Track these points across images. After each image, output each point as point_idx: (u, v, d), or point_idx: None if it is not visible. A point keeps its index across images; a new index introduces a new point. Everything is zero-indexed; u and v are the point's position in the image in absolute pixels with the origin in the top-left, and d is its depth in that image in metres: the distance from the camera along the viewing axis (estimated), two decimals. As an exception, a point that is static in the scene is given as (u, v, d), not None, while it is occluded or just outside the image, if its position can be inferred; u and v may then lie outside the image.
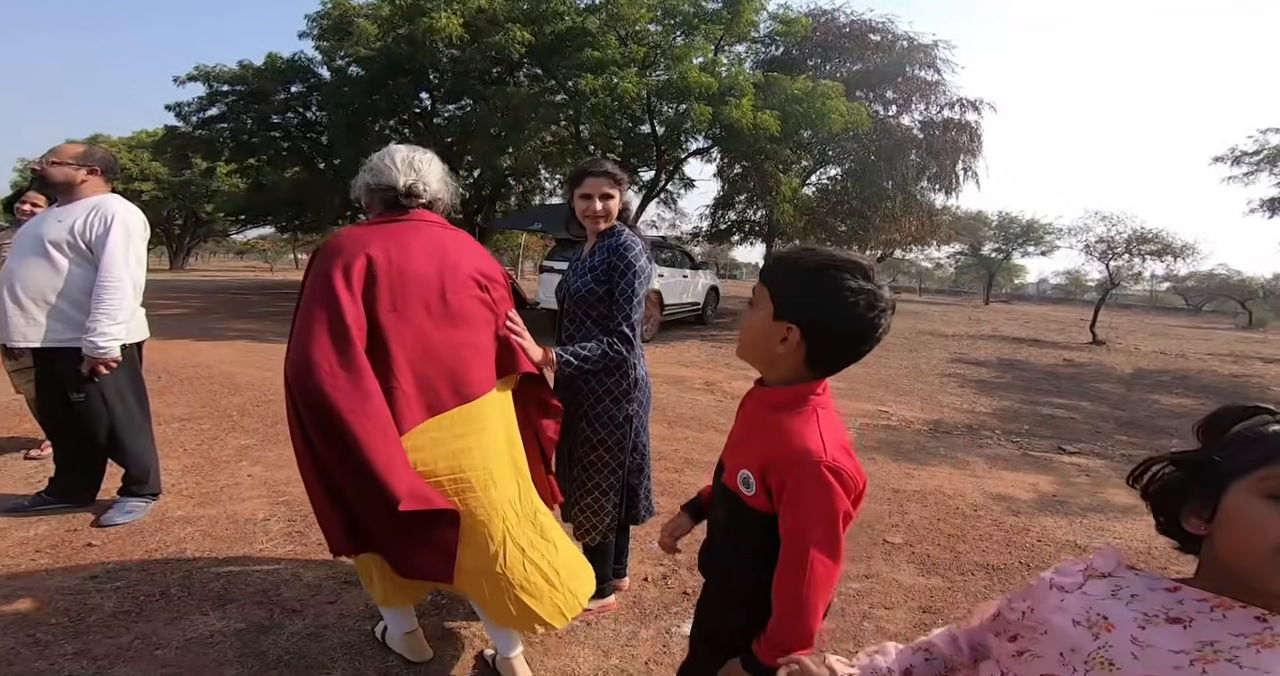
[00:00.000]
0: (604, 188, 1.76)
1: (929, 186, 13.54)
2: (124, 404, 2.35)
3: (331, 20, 12.50)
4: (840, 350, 0.87)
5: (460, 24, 10.17)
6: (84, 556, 2.05)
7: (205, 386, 4.71)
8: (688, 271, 10.96)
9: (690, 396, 5.45)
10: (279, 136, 14.77)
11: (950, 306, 26.34)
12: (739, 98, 9.50)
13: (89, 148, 2.41)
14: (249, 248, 41.13)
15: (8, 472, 2.78)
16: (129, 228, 2.28)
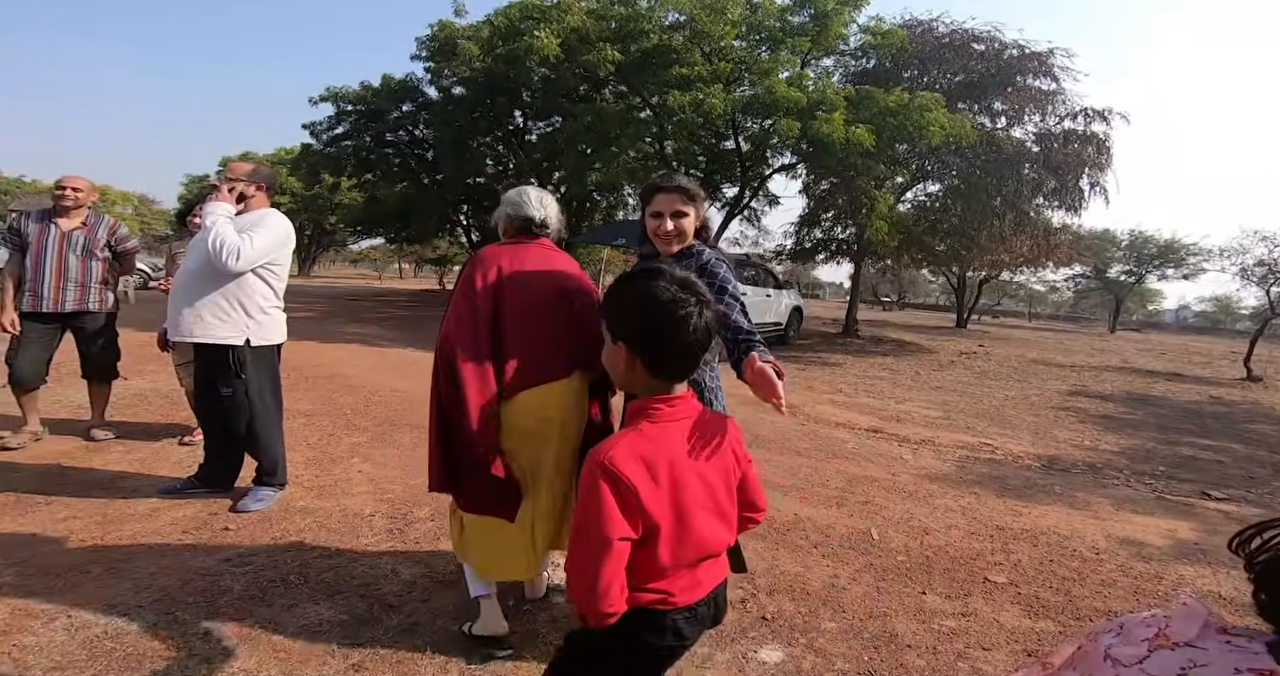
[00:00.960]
0: (676, 205, 1.66)
1: (1047, 203, 12.42)
2: (263, 401, 2.62)
3: (438, 42, 13.41)
4: (666, 352, 0.94)
5: (556, 43, 10.66)
6: (221, 539, 2.30)
7: (325, 385, 5.19)
8: (771, 291, 10.73)
9: (771, 418, 5.30)
10: (391, 153, 16.06)
11: (1067, 334, 23.92)
12: (829, 112, 9.24)
13: (256, 166, 2.70)
14: (361, 257, 45.10)
15: (163, 456, 3.19)
16: (278, 237, 2.55)
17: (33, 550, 2.07)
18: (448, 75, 13.78)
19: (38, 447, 3.13)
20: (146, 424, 3.73)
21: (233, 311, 2.51)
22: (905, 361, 10.47)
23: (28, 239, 3.19)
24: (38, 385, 3.25)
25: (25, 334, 3.19)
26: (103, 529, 2.29)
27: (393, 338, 9.61)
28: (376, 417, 4.30)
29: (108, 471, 2.90)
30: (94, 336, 3.35)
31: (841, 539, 2.73)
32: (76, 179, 3.33)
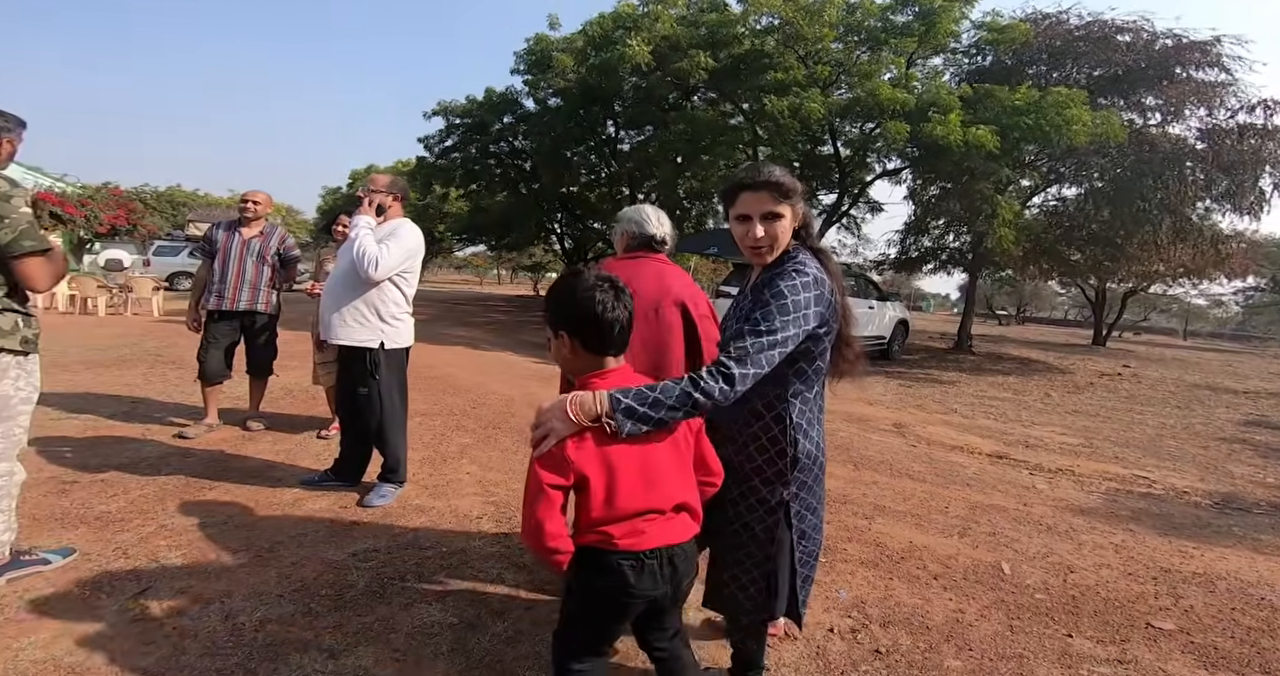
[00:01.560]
0: (767, 204, 1.34)
1: (1217, 206, 10.76)
2: (391, 401, 2.80)
3: (535, 56, 14.00)
4: (595, 331, 1.17)
5: (648, 51, 10.75)
6: (349, 533, 2.47)
7: (436, 386, 5.54)
8: (874, 302, 10.10)
9: (878, 438, 4.97)
10: (493, 164, 16.93)
11: (1234, 355, 20.60)
12: (943, 113, 8.58)
13: (394, 177, 2.87)
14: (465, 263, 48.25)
15: (305, 448, 3.52)
16: (410, 247, 2.71)
17: (194, 536, 2.33)
18: (544, 87, 14.35)
19: (207, 436, 3.57)
20: (290, 416, 4.15)
21: (370, 316, 2.71)
22: (1032, 381, 9.44)
23: (216, 245, 3.67)
24: (222, 380, 3.70)
25: (211, 332, 3.66)
26: (254, 516, 2.54)
27: (493, 341, 10.13)
28: (482, 420, 4.50)
29: (259, 460, 3.24)
30: (258, 335, 3.78)
31: (966, 571, 2.53)
32: (257, 193, 3.80)
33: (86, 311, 10.35)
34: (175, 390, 4.68)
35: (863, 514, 3.14)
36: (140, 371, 5.37)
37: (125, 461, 3.05)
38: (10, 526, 1.91)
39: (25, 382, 1.92)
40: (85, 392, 4.44)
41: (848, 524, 2.97)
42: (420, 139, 16.49)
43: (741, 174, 1.38)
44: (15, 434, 1.91)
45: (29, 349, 1.91)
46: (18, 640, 1.63)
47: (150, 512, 2.49)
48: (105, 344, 6.82)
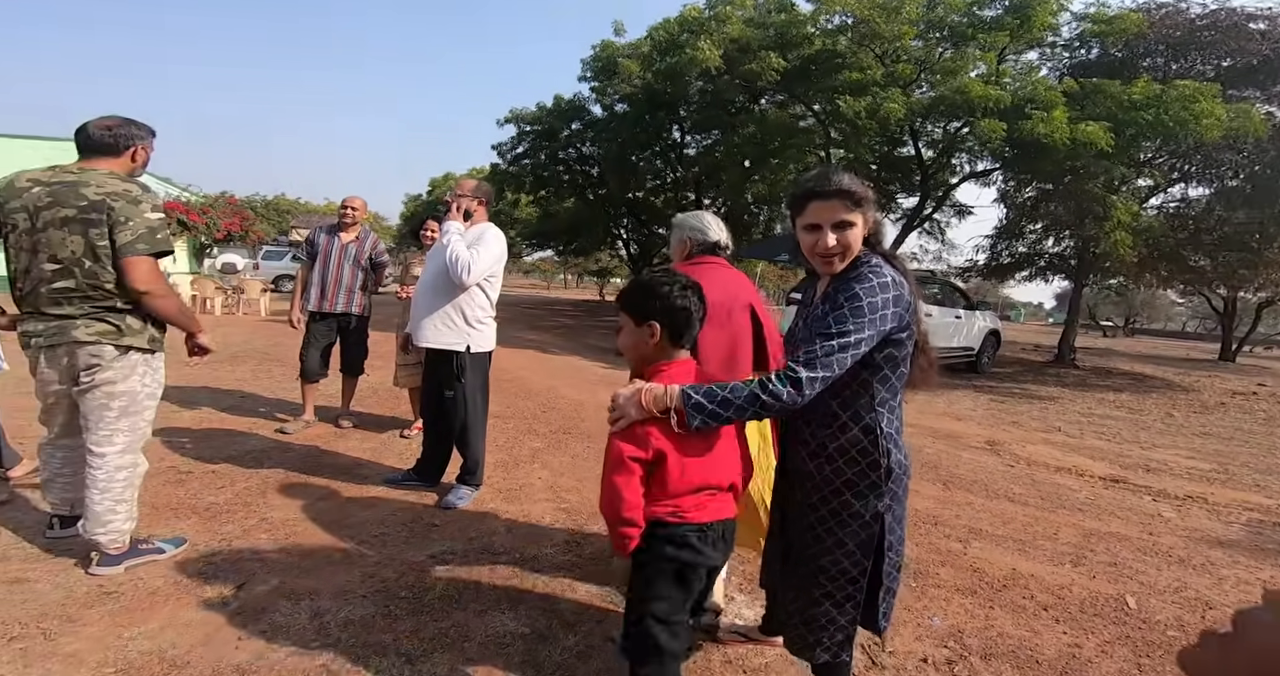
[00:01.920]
0: (839, 213, 1.27)
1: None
2: (475, 404, 2.85)
3: (601, 62, 14.11)
4: (684, 324, 1.34)
5: (718, 54, 10.57)
6: (429, 534, 2.53)
7: (508, 389, 5.66)
8: (961, 311, 9.42)
9: (970, 456, 4.60)
10: (561, 170, 17.28)
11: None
12: (1045, 110, 7.91)
13: (479, 182, 2.89)
14: (533, 268, 49.79)
15: (389, 447, 3.67)
16: (496, 252, 2.75)
17: (289, 530, 2.45)
18: (610, 93, 14.48)
19: (304, 431, 3.80)
20: (376, 416, 4.36)
21: (457, 320, 2.76)
22: (1150, 399, 8.47)
23: (318, 248, 3.89)
24: (319, 378, 3.92)
25: (311, 332, 3.89)
26: (341, 513, 2.65)
27: (562, 345, 10.31)
28: (553, 424, 4.55)
29: (349, 458, 3.40)
30: (351, 335, 3.98)
31: (1082, 603, 2.32)
32: (355, 199, 3.99)
33: (205, 310, 11.47)
34: (278, 386, 5.05)
35: (956, 536, 2.94)
36: (249, 367, 5.85)
37: (234, 454, 3.30)
38: (132, 516, 2.05)
39: (151, 379, 2.05)
40: (202, 386, 4.88)
41: (939, 546, 2.78)
42: (494, 146, 17.09)
43: (810, 181, 1.31)
44: (141, 427, 2.05)
45: (155, 347, 2.04)
46: (129, 629, 1.74)
47: (253, 505, 2.66)
48: (220, 342, 7.47)
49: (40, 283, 1.88)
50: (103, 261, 1.88)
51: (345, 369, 4.05)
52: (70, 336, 1.88)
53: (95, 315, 1.90)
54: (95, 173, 1.91)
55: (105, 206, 1.85)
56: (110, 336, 1.91)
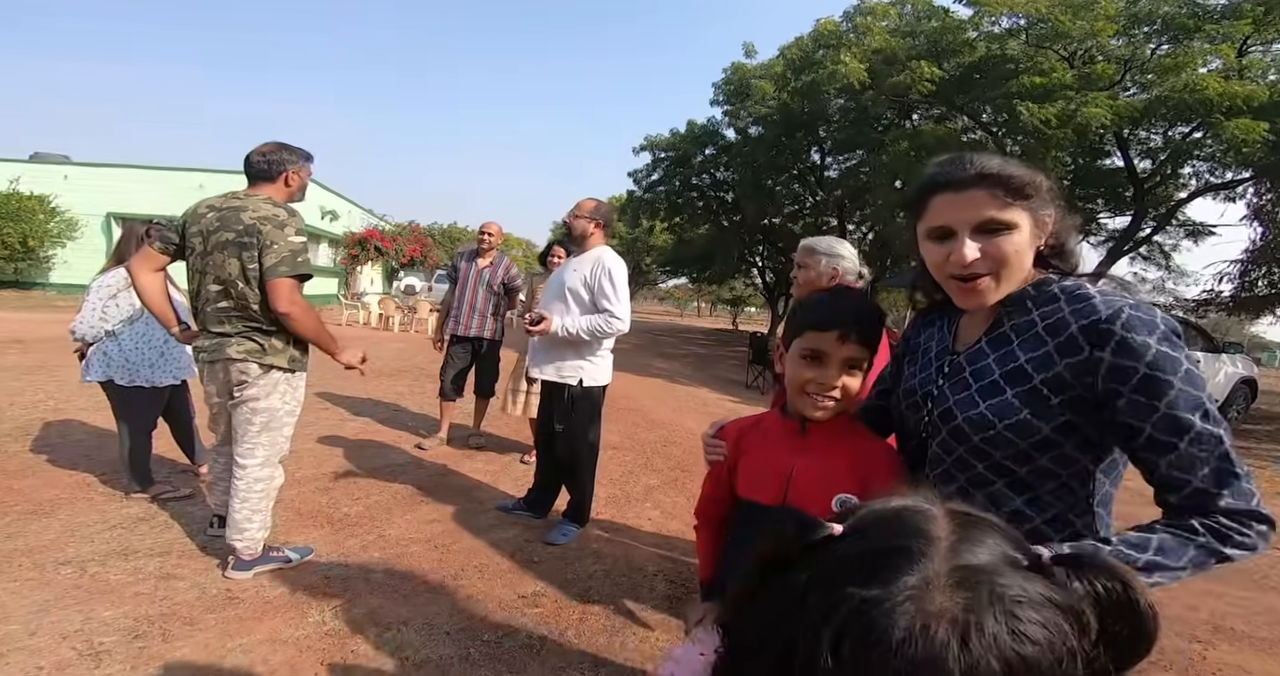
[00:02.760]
0: (984, 208, 0.81)
1: None
2: (584, 440, 2.75)
3: (733, 85, 13.87)
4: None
5: (863, 68, 9.87)
6: (526, 570, 2.44)
7: (629, 418, 5.59)
8: (1200, 355, 7.50)
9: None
10: (695, 196, 17.22)
11: None
12: None
13: (598, 203, 2.77)
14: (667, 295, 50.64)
15: (508, 472, 3.73)
16: (622, 282, 2.62)
17: (401, 550, 2.52)
18: (744, 116, 14.15)
19: (437, 449, 4.03)
20: (500, 438, 4.51)
21: (572, 352, 2.68)
22: None
23: (459, 273, 4.13)
24: (455, 398, 4.16)
25: (450, 354, 4.13)
26: (451, 538, 2.68)
27: (690, 375, 10.13)
28: (671, 459, 4.35)
29: (469, 479, 3.51)
30: (484, 359, 4.16)
31: None
32: (492, 225, 4.18)
33: (387, 328, 13.25)
34: (426, 402, 5.50)
35: (1193, 634, 2.35)
36: (406, 382, 6.51)
37: (375, 466, 3.57)
38: (265, 525, 2.21)
39: (291, 397, 2.20)
40: (367, 398, 5.50)
41: (1165, 646, 2.19)
42: (629, 173, 17.43)
43: (939, 165, 0.86)
44: (279, 443, 2.21)
45: (296, 367, 2.17)
46: (235, 639, 1.83)
47: (376, 520, 2.80)
48: (392, 356, 8.53)
49: (207, 302, 2.07)
50: (251, 284, 2.02)
51: (477, 390, 4.23)
52: (225, 353, 2.06)
53: (245, 334, 2.07)
54: (254, 198, 2.06)
55: (255, 230, 1.98)
56: (255, 355, 2.07)
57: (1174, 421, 0.73)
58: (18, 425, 3.74)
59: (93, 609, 1.88)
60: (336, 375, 6.27)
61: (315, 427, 4.24)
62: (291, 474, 3.23)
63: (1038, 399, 0.80)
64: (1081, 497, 0.84)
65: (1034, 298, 0.85)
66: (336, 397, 5.37)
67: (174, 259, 2.15)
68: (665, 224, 19.47)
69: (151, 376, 2.76)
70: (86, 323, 2.64)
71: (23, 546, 2.23)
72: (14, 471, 2.98)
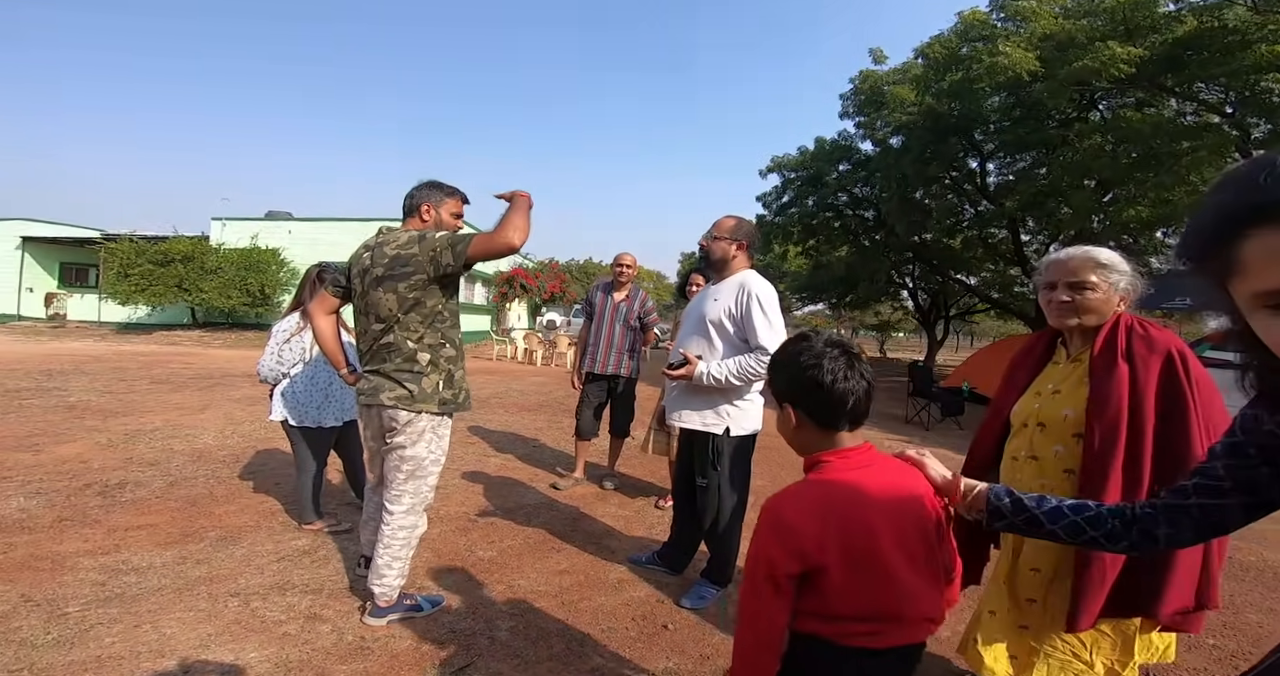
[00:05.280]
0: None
1: None
2: (730, 495, 2.39)
3: (863, 94, 12.88)
4: (822, 405, 1.04)
5: (1034, 57, 8.52)
6: (656, 638, 2.14)
7: (779, 461, 5.02)
8: None
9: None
10: (831, 216, 16.17)
11: None
12: None
13: (740, 221, 2.46)
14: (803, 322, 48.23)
15: (641, 517, 3.50)
16: (765, 305, 2.27)
17: (529, 606, 2.37)
18: (880, 126, 13.06)
19: (572, 489, 3.94)
20: (636, 479, 4.31)
21: (717, 396, 2.33)
22: None
23: (595, 307, 4.01)
24: (591, 437, 4.05)
25: (586, 391, 4.02)
26: (579, 593, 2.48)
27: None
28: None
29: (602, 525, 3.33)
30: (620, 397, 4.00)
31: None
32: (627, 256, 4.04)
33: (530, 362, 14.11)
34: (563, 438, 5.54)
35: None
36: (545, 417, 6.68)
37: (512, 506, 3.55)
38: (403, 573, 2.16)
39: (437, 446, 2.13)
40: (508, 431, 5.69)
41: None
42: (758, 197, 16.94)
43: (1238, 187, 0.52)
44: (424, 492, 2.15)
45: (445, 411, 2.09)
46: None
47: (509, 567, 2.70)
48: (533, 389, 8.93)
49: (370, 341, 2.06)
50: (412, 314, 1.97)
51: (612, 430, 4.09)
52: (378, 399, 2.02)
53: (398, 379, 2.03)
54: (396, 232, 2.06)
55: (400, 260, 1.96)
56: (405, 402, 2.02)
57: None
58: (233, 453, 4.36)
59: (243, 647, 1.95)
60: (478, 408, 6.62)
61: (461, 463, 4.40)
62: (436, 511, 3.30)
63: None
64: None
65: None
66: (482, 431, 5.63)
67: (344, 301, 2.21)
68: (799, 248, 18.56)
69: (318, 417, 2.99)
70: (266, 365, 2.93)
71: (205, 574, 2.45)
72: (221, 497, 3.41)
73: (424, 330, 2.01)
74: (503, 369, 12.35)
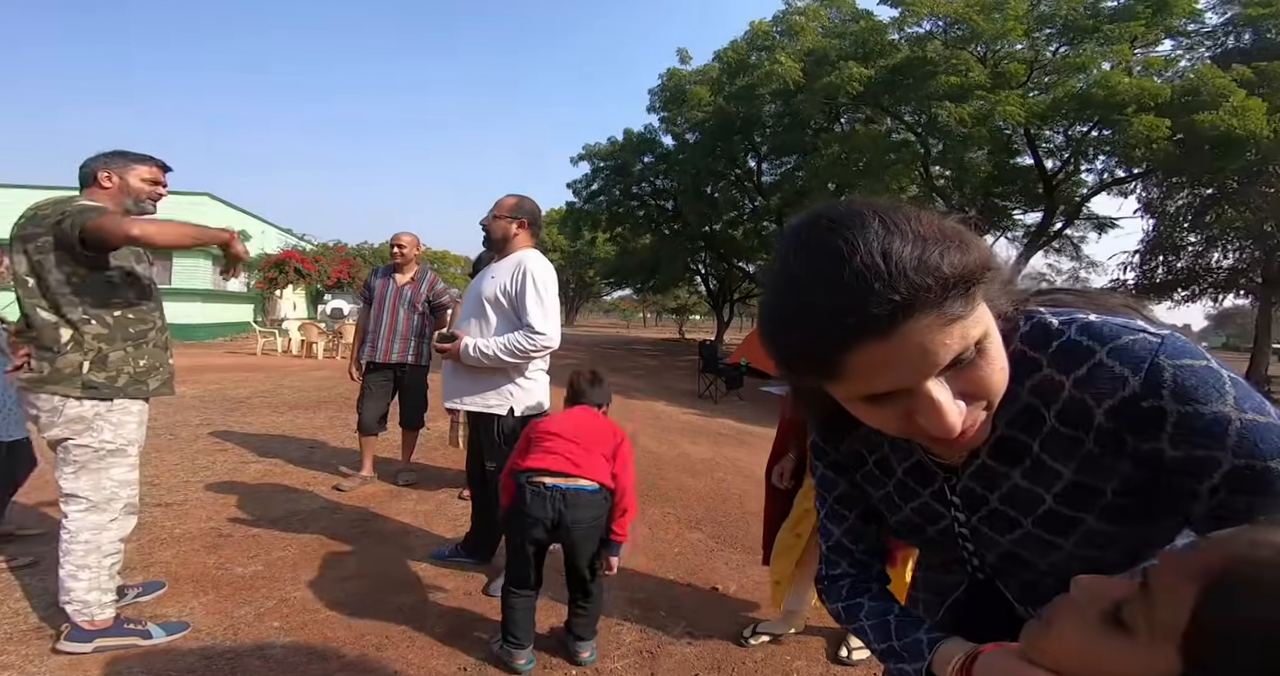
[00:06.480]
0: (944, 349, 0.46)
1: None
2: None
3: (668, 91, 13.88)
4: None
5: (798, 68, 10.03)
6: (468, 632, 2.03)
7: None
8: None
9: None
10: (636, 205, 17.11)
11: None
12: (1217, 100, 6.71)
13: (520, 200, 2.38)
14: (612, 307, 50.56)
15: (444, 511, 3.26)
16: (540, 283, 2.21)
17: (311, 617, 2.05)
18: (680, 122, 14.18)
19: (360, 489, 3.50)
20: (439, 469, 4.01)
21: (499, 376, 2.25)
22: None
23: (373, 292, 3.61)
24: (376, 432, 3.64)
25: (368, 383, 3.61)
26: (373, 597, 2.22)
27: (642, 389, 9.83)
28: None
29: (398, 523, 3.02)
30: (410, 387, 3.66)
31: None
32: (404, 236, 3.65)
33: (310, 355, 12.20)
34: (349, 436, 4.87)
35: None
36: (327, 415, 5.83)
37: (280, 515, 3.02)
38: (99, 586, 1.75)
39: (112, 433, 1.77)
40: (278, 434, 4.82)
41: None
42: (569, 184, 17.16)
43: (819, 303, 0.44)
44: (107, 487, 1.77)
45: (95, 395, 1.73)
46: None
47: (279, 580, 2.30)
48: (312, 386, 7.73)
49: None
50: (47, 280, 1.69)
51: (403, 422, 3.74)
52: (20, 382, 1.75)
53: (39, 356, 1.71)
54: (63, 201, 1.78)
55: (37, 219, 1.72)
56: (37, 384, 1.70)
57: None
58: None
59: None
60: (231, 409, 5.54)
61: (207, 473, 3.61)
62: (169, 531, 2.68)
63: (1120, 506, 0.54)
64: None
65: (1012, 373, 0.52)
66: (236, 436, 4.66)
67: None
68: (607, 235, 19.21)
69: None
70: None
71: None
72: None
73: (62, 302, 1.73)
74: (271, 364, 10.48)
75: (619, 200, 16.72)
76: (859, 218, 0.45)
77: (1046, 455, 0.55)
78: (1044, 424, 0.55)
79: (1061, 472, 0.55)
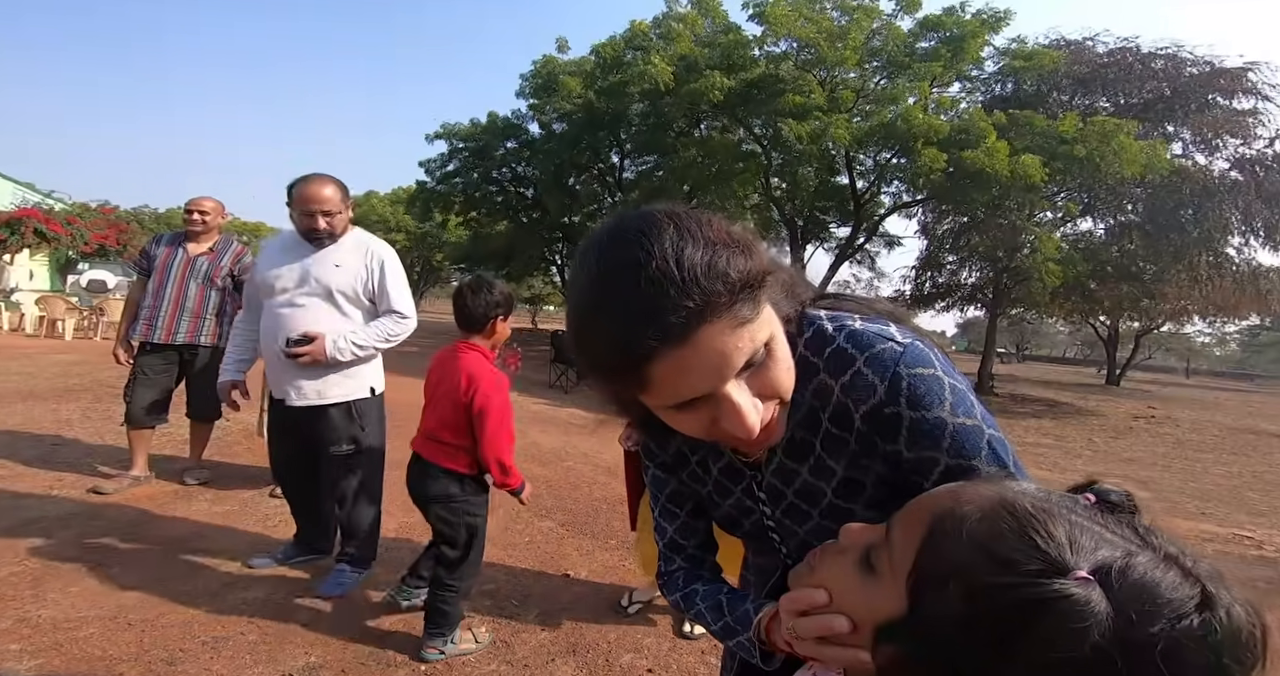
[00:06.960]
0: (737, 352, 0.49)
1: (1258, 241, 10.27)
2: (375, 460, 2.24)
3: (541, 79, 13.64)
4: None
5: (669, 71, 10.42)
6: (290, 638, 1.78)
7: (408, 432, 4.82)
8: None
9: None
10: (495, 191, 16.48)
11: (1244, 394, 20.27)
12: (977, 140, 8.30)
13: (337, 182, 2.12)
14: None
15: (251, 510, 2.82)
16: (396, 268, 2.23)
17: (68, 635, 1.65)
18: (549, 111, 13.98)
19: (130, 491, 2.86)
20: (242, 467, 3.45)
21: (353, 361, 2.13)
22: (1068, 426, 8.85)
23: (154, 262, 3.01)
24: (150, 426, 2.99)
25: (141, 367, 2.97)
26: (158, 610, 1.85)
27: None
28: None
29: (188, 525, 2.55)
30: (200, 373, 3.06)
31: None
32: (204, 201, 3.09)
33: (54, 334, 9.66)
34: (110, 430, 3.95)
35: None
36: (80, 405, 4.68)
37: (14, 523, 2.36)
38: None
39: None
40: (9, 430, 3.75)
41: None
42: (421, 162, 16.04)
43: (618, 310, 0.46)
44: None
45: None
46: None
47: (18, 598, 1.81)
48: (57, 372, 6.13)
49: None
50: None
51: (193, 413, 3.15)
52: None
53: None
54: None
55: None
56: None
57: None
58: None
59: None
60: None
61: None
62: None
63: (879, 497, 0.62)
64: None
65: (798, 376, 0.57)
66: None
67: None
68: (461, 218, 18.12)
69: None
70: None
71: None
72: None
73: None
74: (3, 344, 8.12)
75: (476, 184, 15.92)
76: (655, 225, 0.46)
77: (825, 453, 0.61)
78: (821, 425, 0.60)
79: (835, 469, 0.61)
